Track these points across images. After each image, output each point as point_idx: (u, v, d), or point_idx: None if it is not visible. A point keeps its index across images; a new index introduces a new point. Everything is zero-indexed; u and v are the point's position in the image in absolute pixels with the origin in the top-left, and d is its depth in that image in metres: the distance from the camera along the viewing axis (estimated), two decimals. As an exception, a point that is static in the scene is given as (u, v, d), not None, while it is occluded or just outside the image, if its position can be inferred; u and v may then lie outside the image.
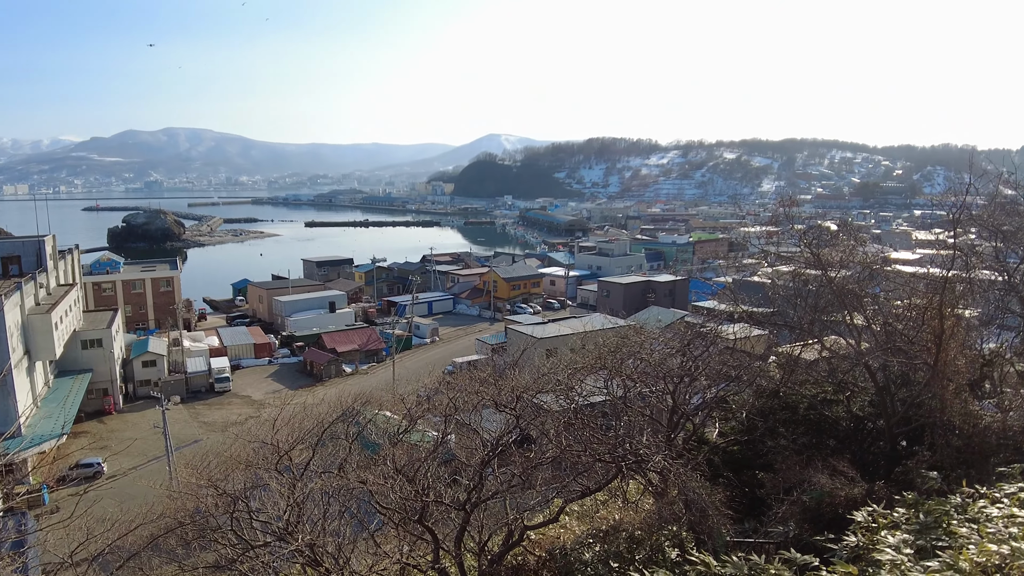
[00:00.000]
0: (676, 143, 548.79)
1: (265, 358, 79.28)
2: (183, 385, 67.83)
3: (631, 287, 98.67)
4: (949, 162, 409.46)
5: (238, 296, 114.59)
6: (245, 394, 68.52)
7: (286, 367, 77.70)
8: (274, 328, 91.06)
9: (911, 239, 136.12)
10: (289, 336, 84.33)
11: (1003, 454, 11.82)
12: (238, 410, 63.23)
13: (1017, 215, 21.57)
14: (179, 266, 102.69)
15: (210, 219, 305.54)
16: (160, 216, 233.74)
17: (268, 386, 70.91)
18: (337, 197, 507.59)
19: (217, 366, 70.56)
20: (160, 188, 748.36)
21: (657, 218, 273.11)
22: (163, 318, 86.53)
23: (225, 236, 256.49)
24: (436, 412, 20.52)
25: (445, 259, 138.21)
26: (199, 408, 64.65)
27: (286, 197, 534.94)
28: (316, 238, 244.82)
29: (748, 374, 19.06)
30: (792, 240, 23.60)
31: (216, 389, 68.45)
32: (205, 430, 58.17)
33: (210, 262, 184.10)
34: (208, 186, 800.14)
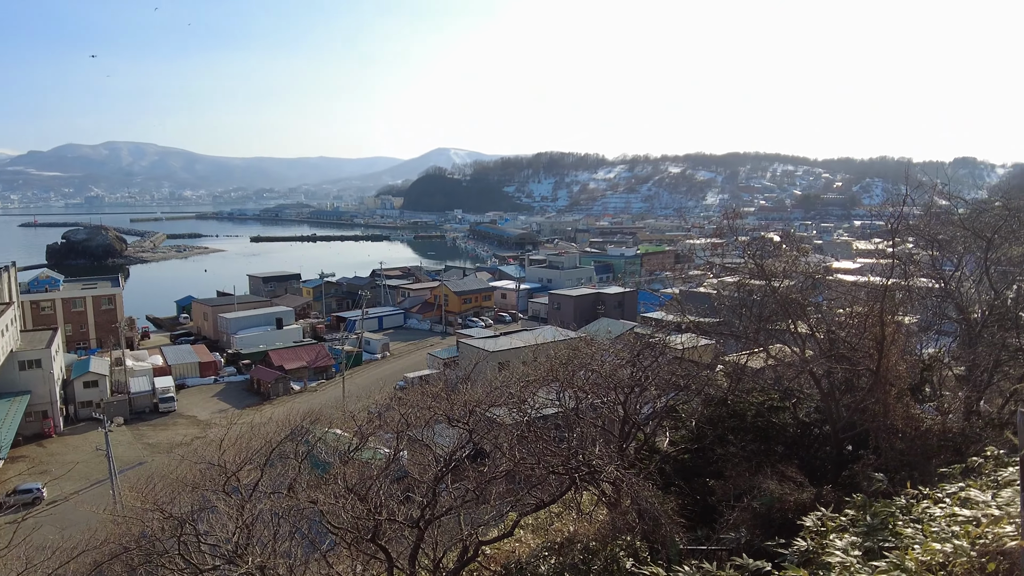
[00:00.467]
0: (623, 157, 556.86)
1: (211, 377, 77.37)
2: (126, 406, 65.77)
3: (581, 299, 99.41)
4: (886, 174, 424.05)
5: (182, 314, 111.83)
6: (191, 414, 66.77)
7: (232, 386, 75.95)
8: (220, 346, 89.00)
9: (851, 249, 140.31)
10: (235, 354, 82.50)
11: (944, 455, 12.20)
12: (184, 430, 61.58)
13: (951, 225, 22.40)
14: (121, 283, 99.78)
15: (153, 235, 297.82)
16: (101, 232, 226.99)
17: (214, 405, 69.23)
18: (284, 211, 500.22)
19: (161, 385, 68.64)
20: (101, 203, 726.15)
21: (605, 231, 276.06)
22: (105, 337, 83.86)
23: (169, 252, 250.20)
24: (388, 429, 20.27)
25: (395, 273, 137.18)
26: (143, 429, 62.76)
27: (231, 212, 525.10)
28: (262, 253, 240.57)
29: (696, 383, 19.30)
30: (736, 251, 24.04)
31: (161, 409, 66.56)
32: (150, 452, 56.47)
33: (153, 279, 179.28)
34: (151, 201, 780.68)
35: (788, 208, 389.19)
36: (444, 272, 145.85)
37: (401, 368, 78.64)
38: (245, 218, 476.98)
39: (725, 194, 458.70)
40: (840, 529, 6.77)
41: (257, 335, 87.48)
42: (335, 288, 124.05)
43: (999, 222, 20.98)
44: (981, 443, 11.21)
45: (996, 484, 6.63)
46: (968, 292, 20.82)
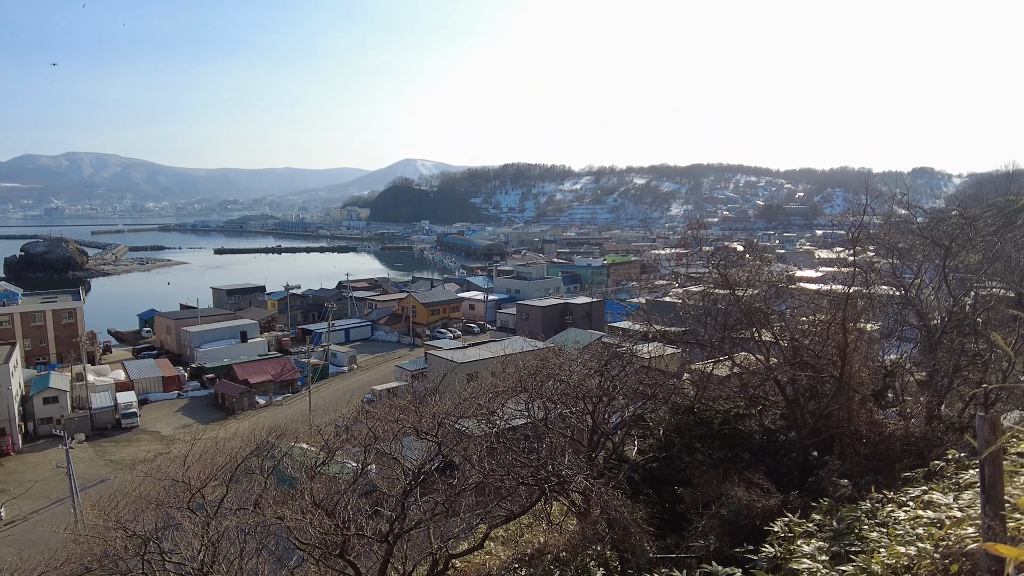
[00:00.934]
0: (589, 169, 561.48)
1: (174, 391, 75.95)
2: (88, 422, 64.23)
3: (549, 310, 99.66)
4: (847, 184, 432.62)
5: (145, 327, 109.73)
6: (154, 429, 65.46)
7: (196, 400, 74.63)
8: (183, 360, 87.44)
9: (814, 258, 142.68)
10: (199, 368, 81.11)
11: (907, 459, 12.42)
12: (147, 447, 60.30)
13: (910, 233, 22.93)
14: (82, 297, 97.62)
15: (115, 247, 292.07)
16: (62, 244, 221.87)
17: (178, 421, 67.97)
18: (248, 223, 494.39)
19: (124, 401, 67.21)
20: (62, 215, 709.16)
21: (572, 242, 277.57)
22: (65, 352, 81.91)
23: (131, 265, 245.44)
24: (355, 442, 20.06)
25: (362, 285, 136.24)
26: (105, 446, 61.32)
27: (195, 224, 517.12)
28: (226, 265, 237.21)
29: (664, 392, 19.41)
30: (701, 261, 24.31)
31: (123, 425, 65.12)
32: (112, 468, 55.20)
33: (115, 292, 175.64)
34: (113, 213, 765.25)
35: (751, 218, 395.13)
36: (412, 283, 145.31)
37: (368, 381, 77.96)
38: (209, 230, 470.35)
39: (689, 205, 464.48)
40: (807, 534, 6.85)
41: (221, 349, 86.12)
42: (301, 300, 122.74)
43: (956, 231, 21.52)
44: (942, 447, 11.43)
45: (958, 487, 6.75)
46: (928, 299, 21.29)
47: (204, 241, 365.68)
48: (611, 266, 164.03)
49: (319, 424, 33.72)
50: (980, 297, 21.20)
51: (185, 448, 20.24)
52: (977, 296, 21.27)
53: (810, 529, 6.98)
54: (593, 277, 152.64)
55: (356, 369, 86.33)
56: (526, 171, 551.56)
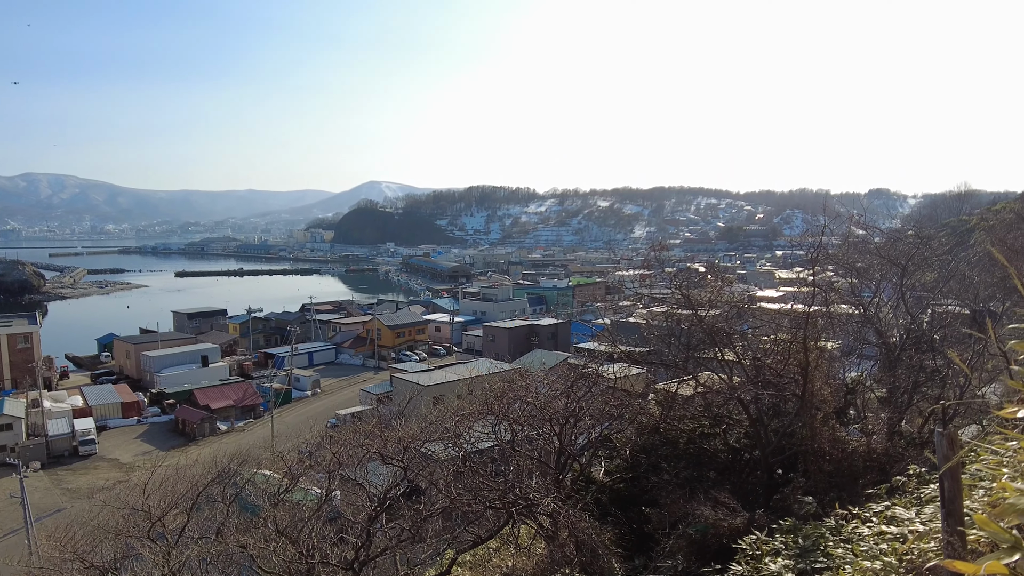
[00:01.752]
0: (553, 191, 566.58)
1: (134, 417, 74.15)
2: (43, 449, 62.30)
3: (515, 331, 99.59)
4: (806, 205, 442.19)
5: (104, 352, 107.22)
6: (112, 457, 63.74)
7: (157, 426, 72.94)
8: (143, 385, 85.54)
9: (774, 278, 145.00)
10: (159, 393, 79.37)
11: (869, 475, 12.59)
12: (105, 474, 58.64)
13: (868, 253, 23.46)
14: (39, 321, 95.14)
15: (73, 270, 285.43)
16: (17, 267, 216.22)
17: (137, 447, 66.32)
18: (210, 245, 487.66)
19: (81, 428, 65.37)
20: (18, 237, 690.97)
21: (538, 263, 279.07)
22: (21, 377, 79.56)
23: (89, 288, 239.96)
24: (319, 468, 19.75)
25: (326, 308, 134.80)
26: (62, 474, 59.50)
27: (155, 246, 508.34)
28: (187, 289, 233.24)
29: (629, 412, 19.47)
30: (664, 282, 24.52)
31: (80, 453, 63.27)
32: (69, 498, 53.54)
33: (73, 316, 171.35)
34: (72, 235, 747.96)
35: (712, 240, 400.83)
36: (377, 306, 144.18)
37: (333, 405, 76.95)
38: (170, 252, 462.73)
39: (652, 227, 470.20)
40: (774, 552, 6.89)
41: (182, 374, 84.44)
42: (263, 324, 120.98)
43: (912, 250, 22.09)
44: (904, 462, 11.60)
45: (919, 501, 6.85)
46: (886, 317, 21.73)
47: (165, 264, 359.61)
48: (576, 287, 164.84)
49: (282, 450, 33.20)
50: (936, 315, 21.74)
51: (145, 476, 19.74)
52: (934, 314, 21.81)
53: (777, 547, 7.02)
54: (559, 298, 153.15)
55: (320, 393, 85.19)
56: (491, 193, 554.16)
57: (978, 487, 5.88)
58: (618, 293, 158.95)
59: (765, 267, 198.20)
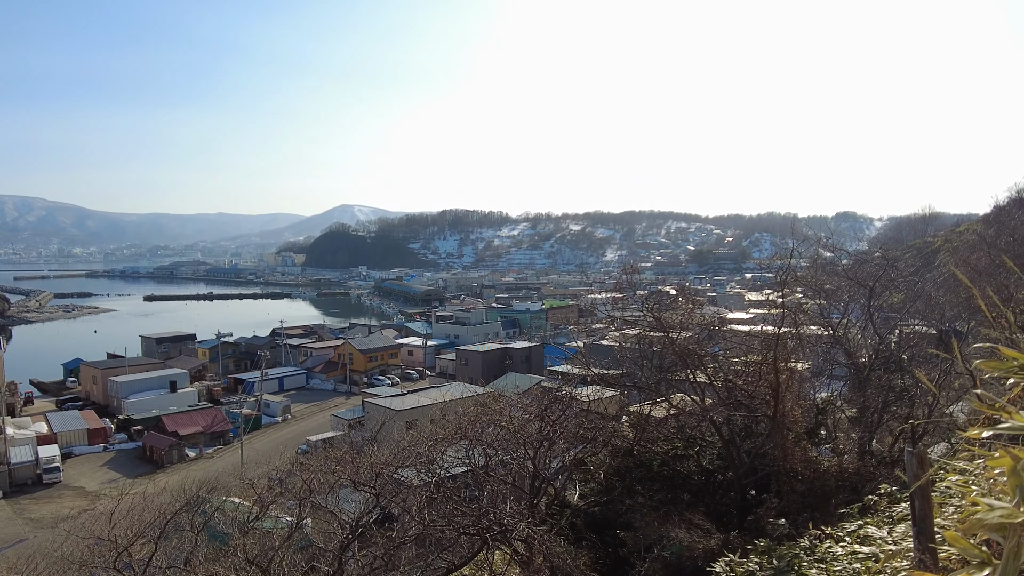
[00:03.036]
0: (526, 215, 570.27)
1: (100, 444, 72.42)
2: (6, 478, 60.51)
3: (489, 354, 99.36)
4: (774, 228, 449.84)
5: (70, 377, 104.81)
6: (78, 485, 62.10)
7: (124, 453, 71.29)
8: (110, 411, 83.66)
9: (744, 300, 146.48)
10: (126, 419, 77.70)
11: (842, 495, 12.67)
12: (70, 503, 57.08)
13: (836, 275, 23.83)
14: (2, 345, 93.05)
15: (39, 294, 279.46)
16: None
17: (104, 475, 64.72)
18: (179, 269, 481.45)
19: (45, 455, 63.63)
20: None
21: (511, 287, 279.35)
22: (-17, 404, 77.38)
23: (56, 312, 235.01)
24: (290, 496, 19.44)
25: (297, 332, 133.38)
26: (25, 503, 57.77)
27: (124, 270, 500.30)
28: (156, 313, 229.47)
29: (603, 435, 19.47)
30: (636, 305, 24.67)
31: (44, 481, 61.51)
32: (32, 527, 52.00)
33: (38, 341, 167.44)
34: (38, 258, 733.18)
35: (682, 263, 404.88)
36: (348, 330, 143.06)
37: (303, 431, 75.88)
38: (138, 276, 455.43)
39: (623, 250, 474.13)
40: (748, 574, 6.89)
41: (150, 399, 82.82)
42: (233, 348, 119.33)
43: (879, 272, 22.48)
44: (875, 481, 11.70)
45: (891, 520, 6.90)
46: (855, 338, 22.04)
47: (133, 288, 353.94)
48: (549, 310, 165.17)
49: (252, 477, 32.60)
50: (904, 335, 22.08)
51: (111, 504, 19.26)
52: (901, 334, 22.15)
53: (751, 568, 7.02)
54: (532, 321, 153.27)
55: (290, 419, 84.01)
56: (464, 217, 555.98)
57: (948, 504, 5.93)
58: (591, 316, 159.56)
59: (735, 289, 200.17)
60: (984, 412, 2.54)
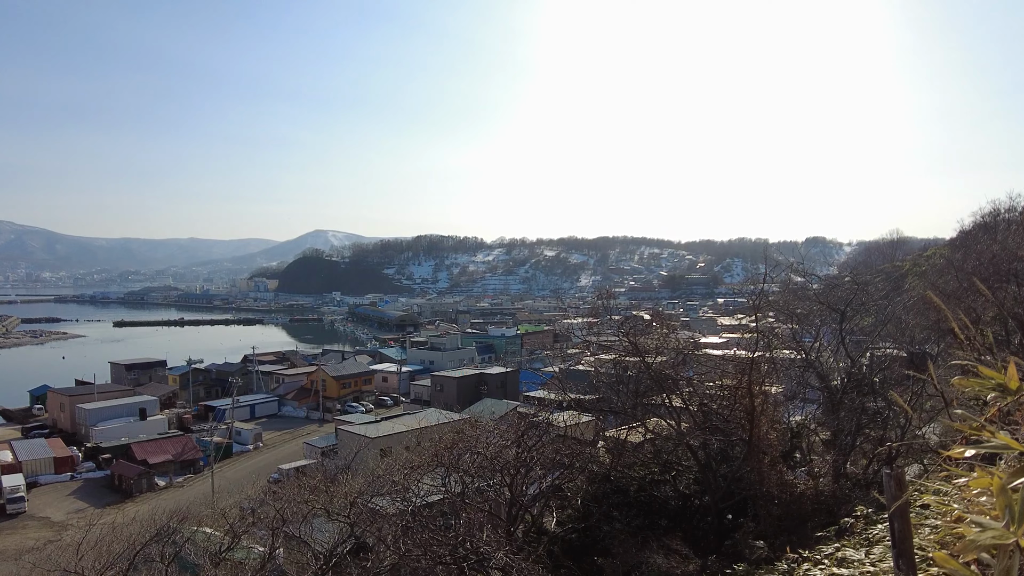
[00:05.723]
0: (501, 240, 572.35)
1: (67, 473, 70.76)
2: (-32, 507, 58.90)
3: (464, 380, 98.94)
4: (745, 254, 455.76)
5: (36, 404, 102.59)
6: (43, 515, 60.43)
7: (91, 482, 69.66)
8: (77, 439, 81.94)
9: (717, 324, 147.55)
10: (94, 448, 76.06)
11: (818, 517, 12.70)
12: (35, 534, 55.46)
13: (807, 299, 24.12)
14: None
15: (6, 319, 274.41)
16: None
17: (70, 505, 63.10)
18: (150, 295, 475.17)
19: (9, 484, 62.00)
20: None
21: (486, 312, 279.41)
22: (-58, 434, 75.31)
23: (23, 337, 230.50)
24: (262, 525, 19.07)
25: (269, 358, 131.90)
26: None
27: (93, 295, 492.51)
28: (126, 339, 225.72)
29: (580, 460, 19.39)
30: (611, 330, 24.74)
31: (8, 511, 59.86)
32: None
33: (4, 367, 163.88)
34: (6, 282, 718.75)
35: (656, 288, 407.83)
36: (322, 356, 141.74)
37: (275, 459, 74.73)
38: (108, 301, 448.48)
39: (597, 276, 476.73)
40: (728, 599, 6.85)
41: (119, 427, 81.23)
42: (203, 375, 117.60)
43: (850, 296, 22.80)
44: (850, 503, 11.74)
45: (868, 542, 6.91)
46: (827, 361, 22.26)
47: (103, 313, 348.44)
48: (524, 335, 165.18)
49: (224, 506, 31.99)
50: (875, 358, 22.34)
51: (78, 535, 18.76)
52: (873, 357, 22.41)
53: (731, 593, 6.98)
54: (507, 347, 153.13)
55: (262, 447, 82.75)
56: (439, 243, 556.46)
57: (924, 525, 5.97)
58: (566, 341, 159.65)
59: (707, 314, 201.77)
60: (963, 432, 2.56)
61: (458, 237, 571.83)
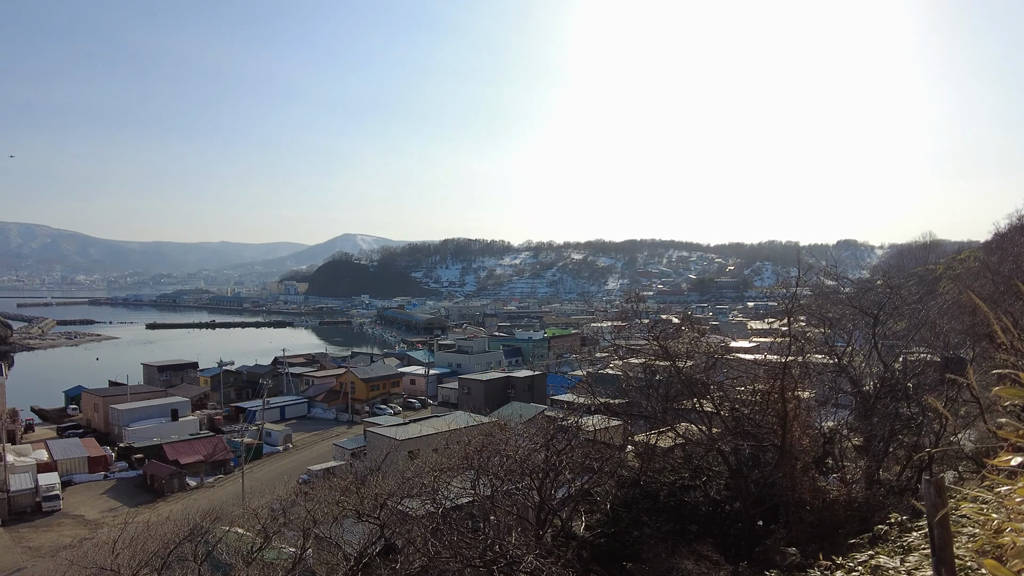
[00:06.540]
0: (528, 244, 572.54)
1: (100, 472, 72.08)
2: (5, 505, 60.11)
3: (491, 383, 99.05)
4: (775, 257, 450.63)
5: (71, 405, 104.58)
6: (78, 513, 61.65)
7: (124, 482, 70.90)
8: (111, 439, 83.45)
9: (747, 328, 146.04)
10: (127, 448, 77.42)
11: (851, 524, 12.55)
12: (70, 532, 56.59)
13: (840, 303, 23.82)
14: (4, 372, 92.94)
15: (42, 321, 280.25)
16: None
17: (104, 504, 64.30)
18: (182, 297, 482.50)
19: (45, 483, 63.30)
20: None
21: (513, 315, 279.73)
22: (-17, 430, 77.09)
23: (58, 339, 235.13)
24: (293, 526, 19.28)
25: (299, 361, 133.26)
26: (23, 531, 57.25)
27: (126, 297, 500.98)
28: (158, 341, 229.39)
29: (609, 465, 19.34)
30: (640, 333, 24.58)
31: (44, 509, 61.11)
32: (30, 556, 51.49)
33: (40, 367, 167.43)
34: (41, 285, 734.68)
35: (684, 291, 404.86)
36: (350, 358, 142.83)
37: (304, 460, 75.45)
38: (141, 304, 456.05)
39: (625, 279, 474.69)
40: (761, 606, 6.81)
41: (151, 427, 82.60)
42: (234, 377, 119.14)
43: (883, 299, 22.47)
44: (884, 510, 11.60)
45: (903, 549, 6.85)
46: (860, 366, 21.95)
47: (136, 315, 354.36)
48: (552, 339, 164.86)
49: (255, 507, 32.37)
50: (909, 362, 21.99)
51: (111, 533, 19.13)
52: (906, 362, 22.07)
53: (763, 600, 6.94)
54: (534, 350, 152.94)
55: (292, 448, 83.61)
56: (466, 246, 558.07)
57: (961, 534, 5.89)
58: (594, 344, 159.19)
59: (737, 318, 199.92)
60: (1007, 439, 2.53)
61: (485, 240, 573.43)
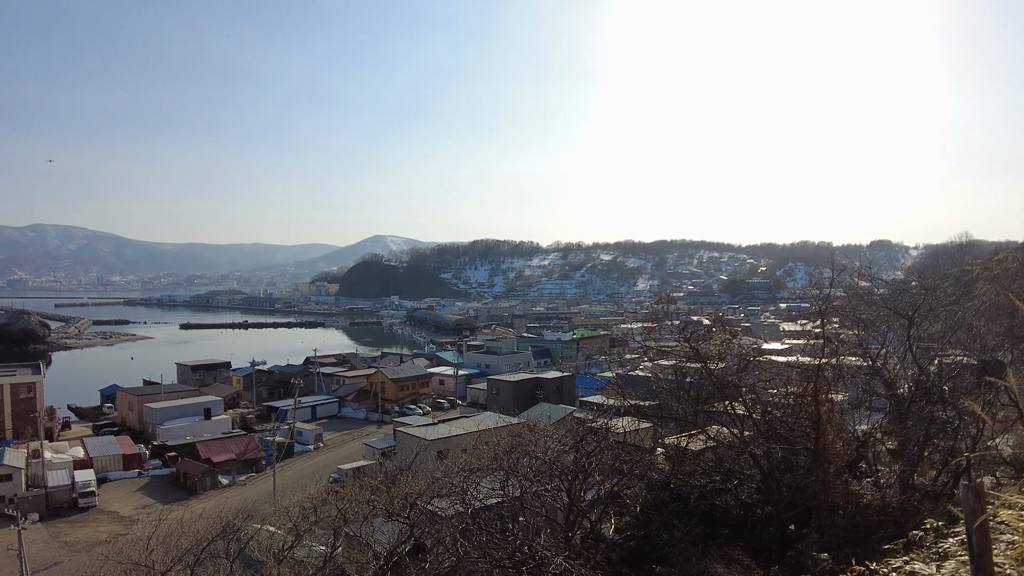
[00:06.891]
0: (556, 245, 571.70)
1: (135, 470, 73.43)
2: (43, 501, 61.50)
3: (520, 384, 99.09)
4: (808, 258, 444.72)
5: (106, 403, 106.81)
6: (112, 510, 62.87)
7: (157, 479, 72.13)
8: (145, 437, 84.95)
9: (779, 330, 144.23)
10: (161, 446, 78.75)
11: (884, 530, 12.34)
12: (105, 528, 57.73)
13: (874, 305, 23.44)
14: (42, 371, 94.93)
15: (78, 320, 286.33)
16: (23, 317, 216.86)
17: (138, 500, 65.47)
18: (215, 298, 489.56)
19: (81, 479, 64.67)
20: (24, 287, 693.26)
21: (542, 316, 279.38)
22: (22, 427, 78.91)
23: (94, 339, 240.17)
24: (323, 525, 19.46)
25: (330, 361, 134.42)
26: (60, 526, 58.51)
27: (161, 298, 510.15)
28: (191, 341, 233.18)
29: (639, 467, 19.23)
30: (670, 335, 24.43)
31: (80, 505, 62.42)
32: (67, 551, 52.57)
33: (77, 366, 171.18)
34: (78, 286, 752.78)
35: (715, 292, 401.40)
36: (380, 359, 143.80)
37: (335, 460, 76.06)
38: (175, 304, 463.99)
39: (655, 280, 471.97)
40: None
41: (184, 426, 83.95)
42: (266, 377, 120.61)
43: (918, 301, 22.06)
44: (919, 515, 11.40)
45: (939, 556, 6.73)
46: (894, 369, 21.59)
47: (170, 316, 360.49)
48: (581, 340, 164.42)
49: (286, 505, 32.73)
50: (944, 365, 21.56)
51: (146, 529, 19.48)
52: (941, 364, 21.64)
53: (796, 605, 6.87)
54: (563, 351, 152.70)
55: (322, 447, 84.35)
56: (495, 247, 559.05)
57: (999, 541, 5.78)
58: (623, 346, 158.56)
59: (769, 319, 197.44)
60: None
61: (514, 242, 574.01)
